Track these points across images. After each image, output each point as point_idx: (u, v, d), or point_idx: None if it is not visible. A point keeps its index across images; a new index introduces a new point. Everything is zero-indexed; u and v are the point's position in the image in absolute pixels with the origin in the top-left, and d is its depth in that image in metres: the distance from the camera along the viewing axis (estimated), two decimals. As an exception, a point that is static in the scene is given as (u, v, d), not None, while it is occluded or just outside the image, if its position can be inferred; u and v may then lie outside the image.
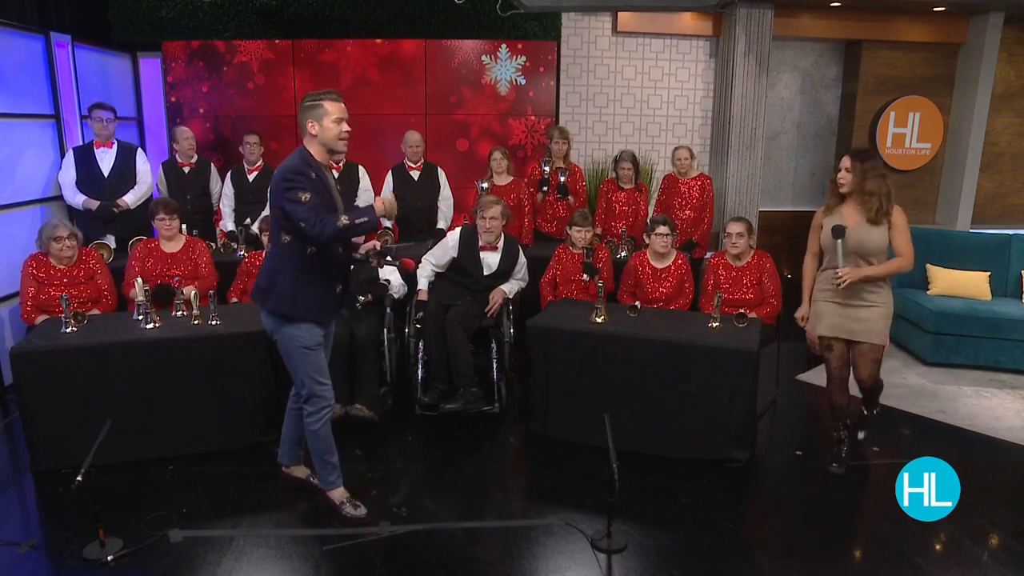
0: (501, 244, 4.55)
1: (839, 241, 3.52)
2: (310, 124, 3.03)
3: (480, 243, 4.52)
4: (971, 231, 6.76)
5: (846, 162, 3.59)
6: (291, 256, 3.02)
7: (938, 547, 3.15)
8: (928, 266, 5.74)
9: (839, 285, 3.52)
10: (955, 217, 7.10)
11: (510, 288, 4.58)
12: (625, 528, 3.17)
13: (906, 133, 7.10)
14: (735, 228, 4.52)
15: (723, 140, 6.89)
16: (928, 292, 5.65)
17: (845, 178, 3.57)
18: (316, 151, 3.07)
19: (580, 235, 4.70)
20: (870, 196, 3.53)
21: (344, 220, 2.90)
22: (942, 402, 4.72)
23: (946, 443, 4.19)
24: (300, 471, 3.50)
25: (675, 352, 3.78)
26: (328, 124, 3.03)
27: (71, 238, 4.36)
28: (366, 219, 2.95)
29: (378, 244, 3.46)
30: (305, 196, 2.89)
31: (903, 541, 3.14)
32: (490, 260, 4.54)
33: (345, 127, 3.08)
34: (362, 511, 3.27)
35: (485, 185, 5.42)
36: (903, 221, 3.58)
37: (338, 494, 3.30)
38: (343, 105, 3.09)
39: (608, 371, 3.89)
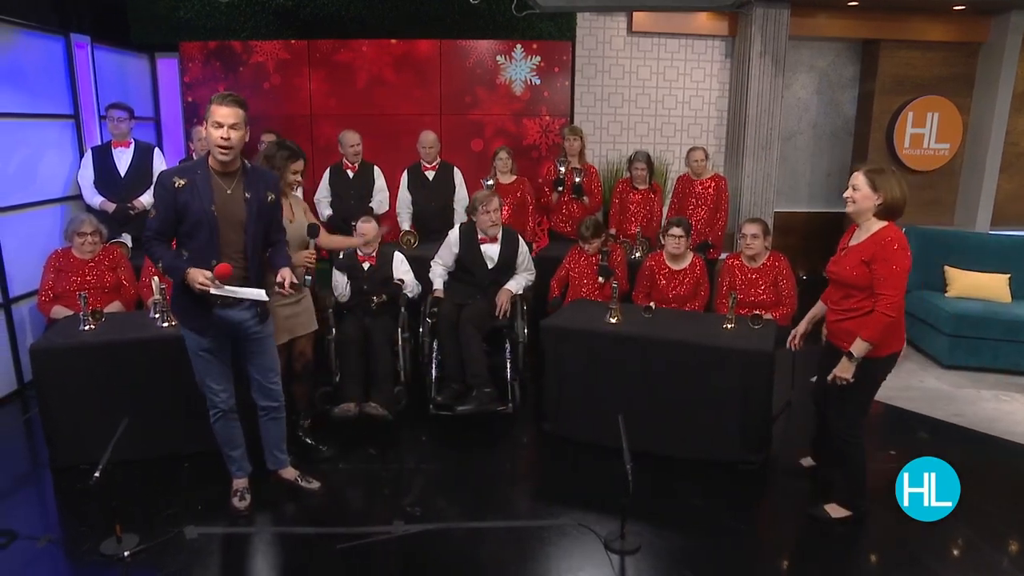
0: (500, 236, 4.56)
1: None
2: (204, 126, 2.94)
3: (480, 236, 4.53)
4: (990, 232, 6.68)
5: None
6: None
7: (955, 552, 3.12)
8: (946, 268, 5.68)
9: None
10: (974, 218, 7.01)
11: (516, 285, 4.57)
12: (638, 529, 3.16)
13: (924, 134, 7.03)
14: (750, 229, 4.50)
15: (738, 141, 6.85)
16: (946, 294, 5.59)
17: None
18: (212, 157, 2.96)
19: (591, 247, 4.74)
20: (290, 187, 3.57)
21: (161, 264, 3.00)
22: (960, 405, 4.66)
23: (964, 447, 4.15)
24: (288, 473, 3.50)
25: (689, 353, 3.77)
26: (208, 128, 2.88)
27: (95, 234, 4.47)
28: (172, 280, 3.01)
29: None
30: (153, 210, 2.99)
31: (919, 545, 3.11)
32: (491, 252, 4.55)
33: (223, 133, 2.84)
34: (245, 503, 3.31)
35: (490, 183, 5.43)
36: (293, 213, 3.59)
37: (235, 483, 3.36)
38: (230, 109, 2.85)
39: (622, 372, 3.88)
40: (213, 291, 2.88)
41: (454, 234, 4.62)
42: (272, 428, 3.39)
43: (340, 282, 4.47)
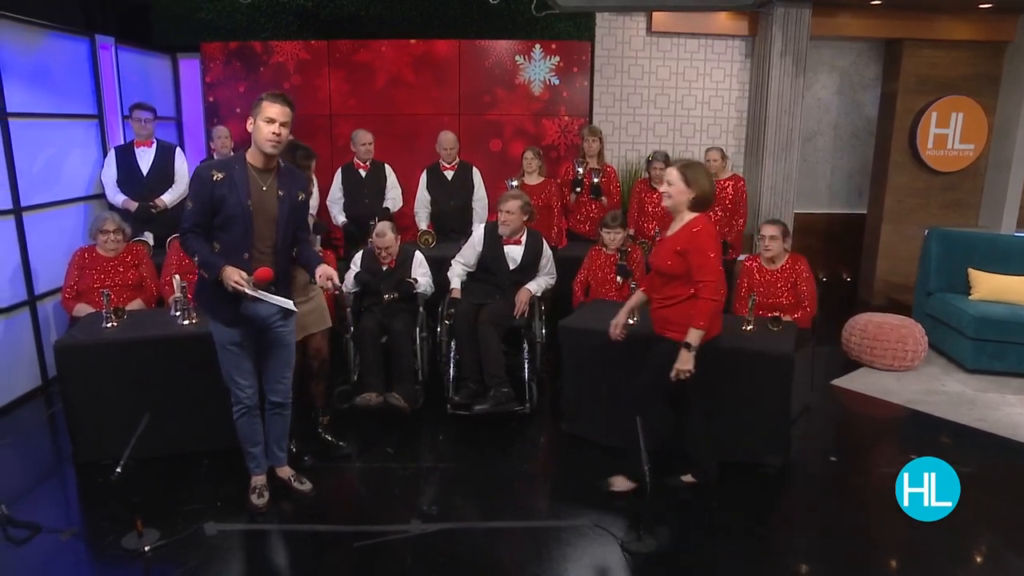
0: (524, 238, 4.55)
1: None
2: (249, 121, 2.99)
3: (503, 237, 4.52)
4: (1015, 234, 6.58)
5: None
6: None
7: (978, 559, 3.08)
8: (970, 270, 5.60)
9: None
10: (999, 220, 6.91)
11: (536, 286, 4.57)
12: (656, 531, 3.14)
13: (948, 134, 6.93)
14: (769, 231, 4.46)
15: (758, 141, 6.81)
16: (969, 297, 5.51)
17: None
18: (252, 153, 3.02)
19: (611, 237, 4.68)
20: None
21: (197, 258, 3.00)
22: (983, 410, 4.60)
23: (987, 452, 4.08)
24: (283, 472, 3.51)
25: (708, 355, 3.73)
26: (259, 123, 2.94)
27: (117, 232, 4.52)
28: (206, 275, 3.01)
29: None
30: (190, 203, 3.01)
31: (940, 551, 3.07)
32: (514, 254, 4.54)
33: (274, 128, 2.93)
34: (264, 500, 3.32)
35: (515, 183, 5.42)
36: None
37: (253, 480, 3.38)
38: (282, 108, 2.94)
39: (640, 373, 3.85)
40: (248, 292, 2.93)
41: (479, 232, 4.63)
42: (277, 424, 3.41)
43: (349, 278, 4.50)
